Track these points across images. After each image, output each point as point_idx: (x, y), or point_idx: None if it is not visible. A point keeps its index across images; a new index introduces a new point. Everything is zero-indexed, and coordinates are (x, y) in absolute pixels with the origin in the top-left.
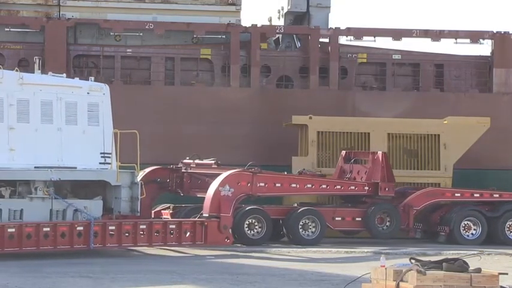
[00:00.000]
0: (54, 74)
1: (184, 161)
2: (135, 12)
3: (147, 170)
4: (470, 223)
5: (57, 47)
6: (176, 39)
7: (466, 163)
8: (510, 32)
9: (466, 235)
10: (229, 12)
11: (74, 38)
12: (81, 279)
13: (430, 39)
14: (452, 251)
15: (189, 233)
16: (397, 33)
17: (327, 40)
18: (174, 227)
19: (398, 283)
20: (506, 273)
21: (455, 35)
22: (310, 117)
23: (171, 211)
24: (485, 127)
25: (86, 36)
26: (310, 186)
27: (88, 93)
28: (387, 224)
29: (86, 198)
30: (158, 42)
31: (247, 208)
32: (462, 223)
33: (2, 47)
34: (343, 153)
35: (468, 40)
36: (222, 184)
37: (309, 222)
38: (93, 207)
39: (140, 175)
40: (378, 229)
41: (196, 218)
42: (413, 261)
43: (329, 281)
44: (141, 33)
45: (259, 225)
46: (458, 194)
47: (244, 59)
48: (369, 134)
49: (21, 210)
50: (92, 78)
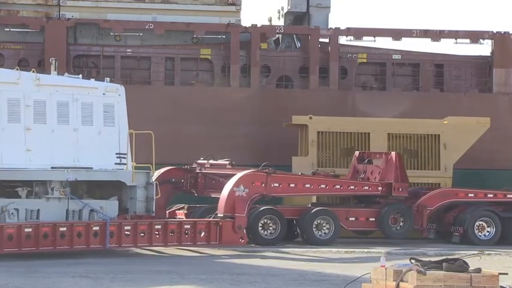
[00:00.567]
0: (70, 75)
1: (199, 161)
2: (135, 12)
3: (162, 170)
4: (484, 223)
5: (57, 47)
6: (176, 39)
7: (466, 163)
8: (510, 32)
9: (480, 235)
10: (229, 12)
11: (74, 38)
12: (81, 279)
13: (430, 39)
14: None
15: (203, 233)
16: (397, 33)
17: (327, 40)
18: (189, 227)
19: (398, 283)
20: (506, 273)
21: (455, 35)
22: (310, 117)
23: (186, 211)
24: (485, 127)
25: (86, 36)
26: (324, 186)
27: (104, 94)
28: (401, 224)
29: (101, 199)
30: (158, 42)
31: (261, 208)
32: (476, 223)
33: (2, 47)
34: (357, 153)
35: (468, 40)
36: (237, 184)
37: (322, 223)
38: (109, 208)
39: (155, 175)
40: (392, 229)
41: (211, 218)
42: (413, 261)
43: (329, 281)
44: (141, 33)
45: (273, 225)
46: (472, 195)
47: (244, 59)
48: (368, 134)
49: (38, 210)
50: (108, 79)
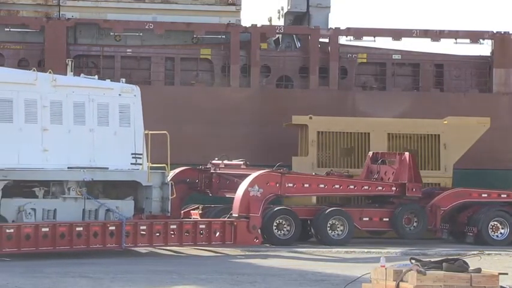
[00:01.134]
0: (86, 76)
1: (213, 161)
2: (135, 12)
3: (177, 170)
4: (498, 224)
5: (57, 47)
6: (176, 39)
7: (466, 163)
8: (510, 32)
9: (494, 236)
10: (229, 12)
11: (74, 38)
12: (81, 279)
13: (430, 39)
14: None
15: (218, 233)
16: (397, 33)
17: (326, 40)
18: (204, 227)
19: (398, 283)
20: (506, 273)
21: (455, 35)
22: (310, 117)
23: (200, 211)
24: (485, 127)
25: (85, 36)
26: (338, 186)
27: (119, 95)
28: (414, 225)
29: (116, 199)
30: (158, 42)
31: (276, 208)
32: (490, 224)
33: (2, 47)
34: (370, 153)
35: (468, 40)
36: (251, 184)
37: (336, 223)
38: (125, 207)
39: (169, 176)
40: (405, 229)
41: (225, 218)
42: (413, 261)
43: (329, 281)
44: (141, 33)
45: (288, 225)
46: (486, 195)
47: (244, 59)
48: (369, 134)
49: (55, 210)
50: (123, 80)
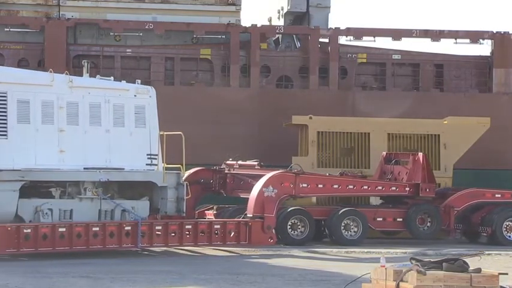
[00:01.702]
0: (102, 77)
1: (228, 162)
2: (135, 12)
3: (191, 171)
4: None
5: (57, 47)
6: (176, 39)
7: (466, 163)
8: (510, 32)
9: (508, 236)
10: (229, 12)
11: (74, 38)
12: (81, 279)
13: (430, 39)
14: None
15: (233, 233)
16: (396, 33)
17: (326, 40)
18: (218, 227)
19: (398, 283)
20: (506, 273)
21: (455, 35)
22: (310, 117)
23: (215, 212)
24: (485, 127)
25: (85, 36)
26: (352, 187)
27: (135, 96)
28: (428, 225)
29: (132, 199)
30: (158, 42)
31: (290, 209)
32: (504, 224)
33: (2, 47)
34: (384, 154)
35: (468, 40)
36: (266, 185)
37: (350, 223)
38: (140, 208)
39: (184, 176)
40: (419, 230)
41: (240, 219)
42: (413, 261)
43: (329, 281)
44: (141, 33)
45: (302, 225)
46: (499, 195)
47: (244, 59)
48: (369, 134)
49: (71, 211)
50: (139, 81)
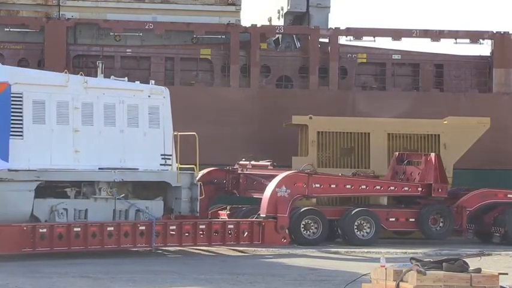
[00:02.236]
0: (116, 78)
1: (241, 162)
2: (135, 12)
3: (204, 171)
4: None
5: (57, 47)
6: (176, 39)
7: (466, 163)
8: (510, 32)
9: None
10: (229, 12)
11: (74, 38)
12: (81, 279)
13: (429, 39)
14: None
15: (246, 233)
16: (396, 33)
17: (326, 40)
18: (232, 227)
19: (398, 283)
20: (506, 273)
21: (455, 35)
22: (310, 117)
23: (228, 212)
24: (485, 127)
25: (85, 36)
26: (364, 187)
27: (149, 97)
28: (440, 225)
29: (146, 199)
30: (158, 42)
31: (303, 209)
32: None
33: (2, 47)
34: (396, 154)
35: (468, 40)
36: (279, 185)
37: (363, 223)
38: (155, 208)
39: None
40: (432, 230)
41: (253, 219)
42: (413, 261)
43: (329, 281)
44: (140, 33)
45: (315, 225)
46: (511, 195)
47: (244, 59)
48: (369, 134)
49: (86, 210)
50: (153, 81)
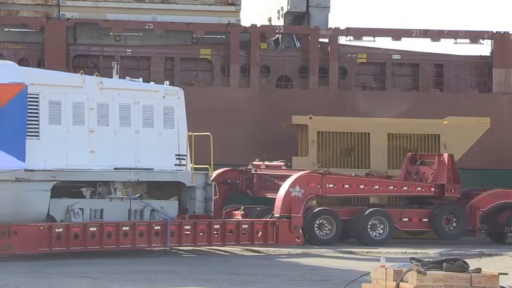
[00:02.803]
0: (131, 78)
1: (254, 162)
2: (135, 12)
3: (218, 171)
4: None
5: (57, 47)
6: (176, 39)
7: (466, 163)
8: (510, 32)
9: None
10: (229, 12)
11: (74, 38)
12: (81, 279)
13: (429, 39)
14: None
15: (261, 232)
16: (396, 33)
17: (326, 40)
18: (246, 227)
19: (399, 283)
20: (506, 273)
21: (455, 35)
22: (310, 117)
23: (242, 212)
24: (485, 127)
25: (85, 36)
26: (377, 187)
27: (164, 97)
28: (454, 225)
29: (160, 199)
30: (158, 42)
31: (317, 209)
32: None
33: (2, 47)
34: (409, 155)
35: (468, 40)
36: (293, 185)
37: (377, 223)
38: (169, 208)
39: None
40: (445, 230)
41: (267, 218)
42: (413, 261)
43: (329, 281)
44: (140, 33)
45: (329, 225)
46: None
47: (244, 59)
48: (369, 134)
49: (102, 210)
50: (167, 82)
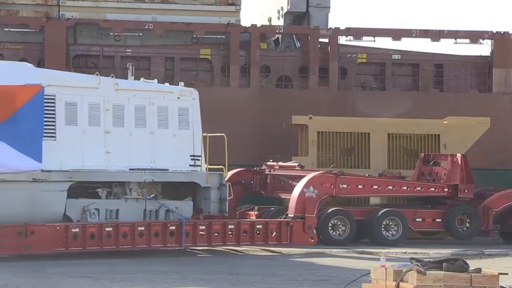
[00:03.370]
0: (146, 80)
1: (268, 163)
2: (135, 12)
3: (232, 172)
4: None
5: (57, 47)
6: (176, 39)
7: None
8: (510, 32)
9: None
10: (228, 12)
11: (74, 38)
12: (81, 279)
13: (429, 39)
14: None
15: (275, 233)
16: (396, 33)
17: (326, 40)
18: (260, 227)
19: (399, 283)
20: (506, 273)
21: (454, 35)
22: (310, 117)
23: (256, 212)
24: (485, 127)
25: (85, 36)
26: (391, 187)
27: (178, 98)
28: (467, 226)
29: (174, 199)
30: (158, 42)
31: (331, 209)
32: None
33: (2, 47)
34: (422, 155)
35: (468, 40)
36: (307, 185)
37: (390, 223)
38: (184, 208)
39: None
40: (458, 230)
41: (281, 219)
42: (413, 261)
43: (329, 281)
44: (140, 33)
45: (343, 226)
46: None
47: (244, 59)
48: (369, 134)
49: (117, 210)
50: (182, 83)
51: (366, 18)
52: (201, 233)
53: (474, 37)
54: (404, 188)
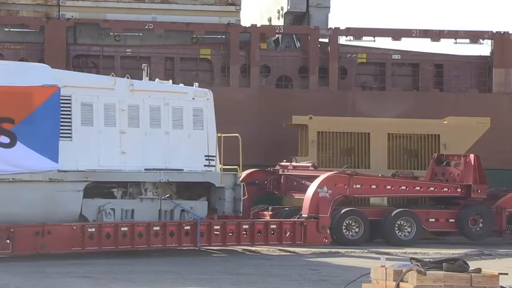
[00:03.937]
0: (161, 80)
1: (282, 163)
2: (135, 12)
3: (246, 172)
4: None
5: (57, 47)
6: (176, 39)
7: None
8: (510, 32)
9: None
10: (228, 12)
11: (74, 38)
12: (81, 279)
13: (429, 39)
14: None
15: (289, 232)
16: (396, 33)
17: (326, 40)
18: (275, 227)
19: (399, 283)
20: (506, 273)
21: (454, 35)
22: (310, 117)
23: (270, 212)
24: (485, 127)
25: (85, 36)
26: (404, 188)
27: (193, 99)
28: (480, 226)
29: (189, 199)
30: (158, 42)
31: (345, 209)
32: None
33: (2, 47)
34: (435, 155)
35: (468, 40)
36: (320, 186)
37: (404, 224)
38: (199, 208)
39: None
40: (471, 231)
41: (295, 219)
42: (413, 261)
43: (329, 281)
44: (140, 33)
45: (357, 226)
46: None
47: (244, 59)
48: (369, 134)
49: (133, 210)
50: (197, 84)
51: (366, 18)
52: (215, 233)
53: (474, 37)
54: (418, 188)
